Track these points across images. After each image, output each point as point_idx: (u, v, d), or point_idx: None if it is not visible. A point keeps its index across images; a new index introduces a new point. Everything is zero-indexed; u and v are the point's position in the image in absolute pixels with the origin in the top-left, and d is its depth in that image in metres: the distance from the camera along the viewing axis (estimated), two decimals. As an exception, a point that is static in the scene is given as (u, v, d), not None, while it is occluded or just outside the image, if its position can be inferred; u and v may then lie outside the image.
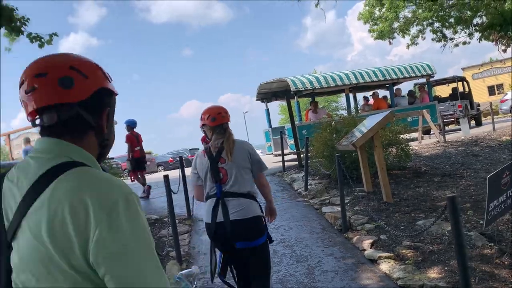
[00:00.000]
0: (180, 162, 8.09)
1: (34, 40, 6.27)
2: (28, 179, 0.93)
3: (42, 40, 6.29)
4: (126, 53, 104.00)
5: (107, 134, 1.08)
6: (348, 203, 6.14)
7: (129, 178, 9.68)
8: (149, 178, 13.51)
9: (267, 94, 14.12)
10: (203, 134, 3.24)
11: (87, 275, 0.87)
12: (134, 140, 8.89)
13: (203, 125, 3.04)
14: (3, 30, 6.37)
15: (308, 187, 7.81)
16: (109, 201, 0.87)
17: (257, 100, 14.04)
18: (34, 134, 20.49)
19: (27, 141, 12.82)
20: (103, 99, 1.05)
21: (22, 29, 6.20)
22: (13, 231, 0.92)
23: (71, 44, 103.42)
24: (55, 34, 6.31)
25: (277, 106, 41.21)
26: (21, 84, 0.99)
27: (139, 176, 9.10)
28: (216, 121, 2.93)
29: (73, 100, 0.97)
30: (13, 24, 5.99)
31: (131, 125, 8.96)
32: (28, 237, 0.89)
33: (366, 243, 4.63)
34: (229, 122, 3.00)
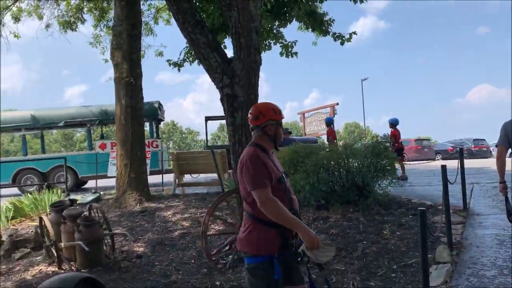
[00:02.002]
0: (460, 153, 7.94)
1: (337, 39, 7.47)
2: None
3: (343, 38, 7.42)
4: (412, 35, 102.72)
5: None
6: None
7: None
8: (426, 165, 13.58)
9: None
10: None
11: None
12: (397, 135, 11.36)
13: None
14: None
15: None
16: None
17: None
18: (321, 114, 23.31)
19: None
20: None
21: (329, 30, 7.48)
22: None
23: (360, 28, 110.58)
24: (354, 33, 7.33)
25: None
26: None
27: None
28: None
29: None
30: (323, 27, 7.32)
31: (394, 123, 11.50)
32: None
33: None
34: None
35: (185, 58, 8.80)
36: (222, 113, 5.92)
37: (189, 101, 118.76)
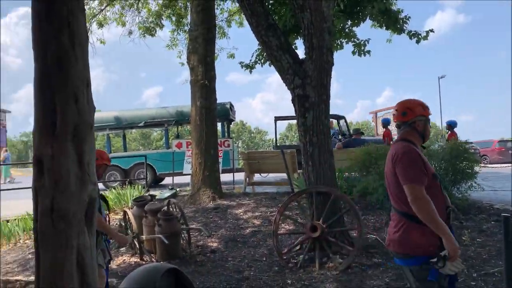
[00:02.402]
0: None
1: (412, 37, 7.21)
2: None
3: (420, 36, 7.15)
4: (495, 29, 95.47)
5: None
6: None
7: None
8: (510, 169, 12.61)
9: None
10: None
11: None
12: (456, 137, 10.83)
13: None
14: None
15: None
16: None
17: None
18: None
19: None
20: None
21: (404, 27, 7.24)
22: None
23: (437, 23, 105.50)
24: (431, 31, 7.02)
25: None
26: None
27: None
28: None
29: None
30: (398, 25, 7.11)
31: (452, 125, 11.19)
32: None
33: None
34: None
35: (257, 60, 8.99)
36: (290, 113, 6.00)
37: (258, 101, 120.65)
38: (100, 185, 13.76)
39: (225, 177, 12.17)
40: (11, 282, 5.97)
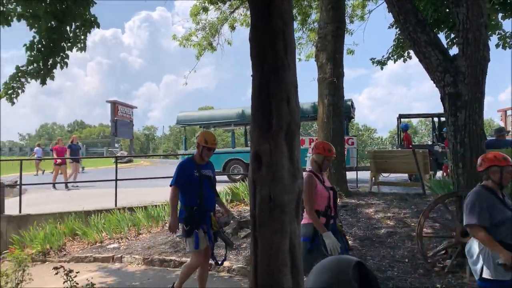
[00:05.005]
0: None
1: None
2: None
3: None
4: None
5: None
6: None
7: None
8: None
9: None
10: None
11: None
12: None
13: None
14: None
15: None
16: None
17: None
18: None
19: None
20: None
21: None
22: None
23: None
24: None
25: None
26: None
27: None
28: None
29: None
30: None
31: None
32: None
33: None
34: None
35: (389, 56, 8.77)
36: (400, 109, 5.76)
37: (364, 97, 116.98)
38: (224, 177, 14.63)
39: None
40: (166, 261, 6.72)
